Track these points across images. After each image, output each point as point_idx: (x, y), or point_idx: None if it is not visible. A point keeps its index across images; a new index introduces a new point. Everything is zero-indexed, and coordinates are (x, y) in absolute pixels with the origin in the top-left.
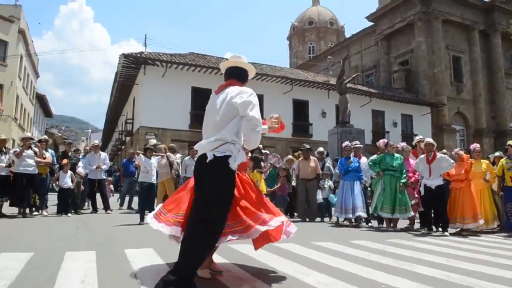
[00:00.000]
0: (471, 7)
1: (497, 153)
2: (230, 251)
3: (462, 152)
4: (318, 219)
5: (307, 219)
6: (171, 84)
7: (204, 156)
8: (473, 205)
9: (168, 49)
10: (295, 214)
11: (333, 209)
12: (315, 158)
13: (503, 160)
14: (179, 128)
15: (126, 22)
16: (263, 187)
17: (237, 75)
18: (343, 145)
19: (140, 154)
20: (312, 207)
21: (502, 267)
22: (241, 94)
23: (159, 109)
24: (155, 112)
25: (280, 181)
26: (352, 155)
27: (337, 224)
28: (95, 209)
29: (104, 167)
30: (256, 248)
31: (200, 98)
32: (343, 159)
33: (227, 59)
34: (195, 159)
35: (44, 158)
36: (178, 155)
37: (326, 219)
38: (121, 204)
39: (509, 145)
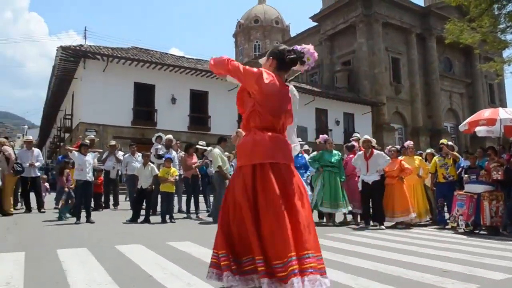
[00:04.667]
0: (409, 11)
1: (428, 150)
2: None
3: (394, 149)
4: None
5: None
6: (112, 79)
7: None
8: (403, 200)
9: (110, 43)
10: None
11: None
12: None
13: (436, 158)
14: (121, 125)
15: (65, 12)
16: None
17: None
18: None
19: (73, 151)
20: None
21: (430, 257)
22: None
23: (100, 104)
24: (95, 107)
25: None
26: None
27: None
28: (28, 209)
29: (37, 164)
30: None
31: (143, 93)
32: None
33: (172, 54)
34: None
35: None
36: (121, 153)
37: None
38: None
39: (442, 143)
